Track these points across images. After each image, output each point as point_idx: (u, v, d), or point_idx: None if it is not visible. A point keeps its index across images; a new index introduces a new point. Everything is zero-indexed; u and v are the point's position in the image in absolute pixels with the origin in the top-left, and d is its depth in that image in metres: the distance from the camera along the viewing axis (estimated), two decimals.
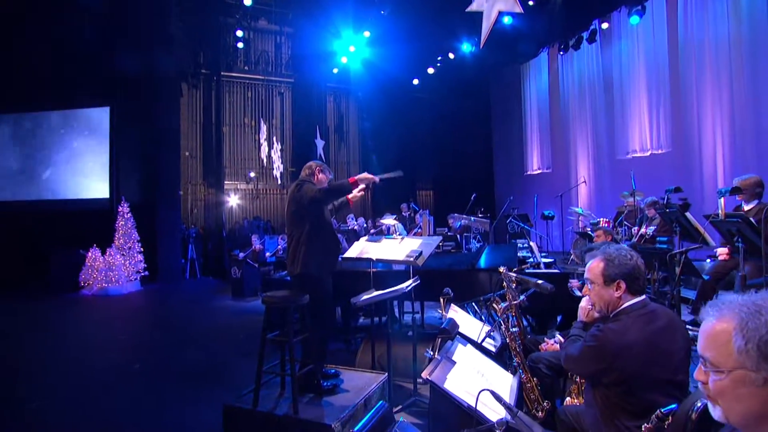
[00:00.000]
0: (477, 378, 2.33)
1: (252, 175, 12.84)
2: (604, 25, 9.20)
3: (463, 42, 10.85)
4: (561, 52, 10.44)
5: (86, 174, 10.16)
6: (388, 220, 5.42)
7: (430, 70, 12.11)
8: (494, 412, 2.05)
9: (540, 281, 2.72)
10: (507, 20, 8.18)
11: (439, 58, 11.78)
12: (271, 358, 3.10)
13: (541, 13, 8.49)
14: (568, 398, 2.65)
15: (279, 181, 13.11)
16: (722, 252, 3.84)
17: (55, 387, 4.03)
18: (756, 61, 6.64)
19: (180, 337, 5.65)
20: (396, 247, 3.81)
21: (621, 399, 1.77)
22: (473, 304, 4.60)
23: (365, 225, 9.66)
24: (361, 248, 3.96)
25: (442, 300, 3.42)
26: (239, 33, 11.50)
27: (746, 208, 3.79)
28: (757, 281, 3.28)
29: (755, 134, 6.65)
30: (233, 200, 12.58)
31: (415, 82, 12.89)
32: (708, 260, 5.14)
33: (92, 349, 5.24)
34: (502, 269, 3.33)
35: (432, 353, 2.41)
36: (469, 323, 3.20)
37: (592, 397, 1.93)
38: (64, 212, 9.74)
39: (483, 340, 2.78)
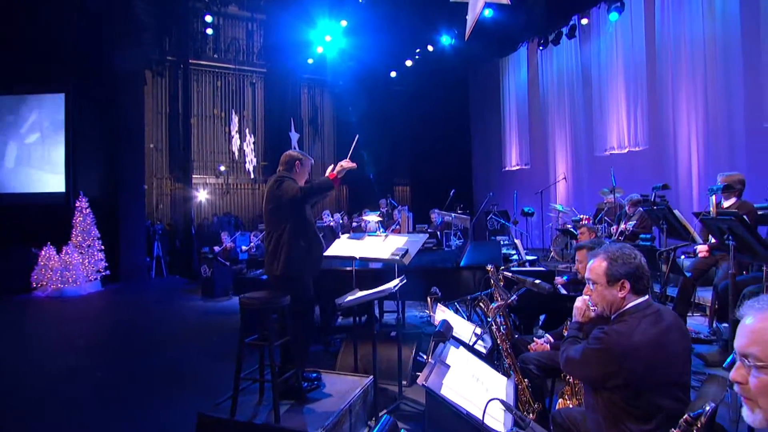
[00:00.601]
0: (473, 382, 2.24)
1: (222, 168, 12.38)
2: (584, 21, 9.22)
3: (442, 34, 10.73)
4: (540, 48, 10.42)
5: (39, 166, 9.47)
6: (372, 217, 5.27)
7: (408, 63, 11.97)
8: (494, 419, 1.94)
9: (537, 281, 2.65)
10: (488, 13, 8.13)
11: (418, 51, 11.64)
12: (248, 362, 2.92)
13: (522, 8, 8.48)
14: (560, 400, 2.59)
15: (252, 176, 12.69)
16: (702, 249, 3.91)
17: (7, 397, 3.68)
18: (728, 60, 6.80)
19: (146, 341, 5.32)
20: (380, 244, 3.68)
21: (626, 403, 1.72)
22: (455, 303, 4.53)
23: (341, 221, 9.46)
24: (343, 246, 3.81)
25: (429, 300, 3.32)
26: (208, 18, 11.00)
27: (726, 204, 3.87)
28: (742, 278, 3.36)
29: (727, 132, 6.83)
30: (202, 195, 12.09)
31: (393, 74, 12.72)
32: (683, 257, 5.27)
33: (48, 354, 4.87)
34: (490, 268, 3.25)
35: (425, 357, 2.29)
36: (458, 324, 3.10)
37: (593, 400, 1.86)
38: (14, 207, 9.05)
39: (475, 343, 2.69)
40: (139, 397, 3.64)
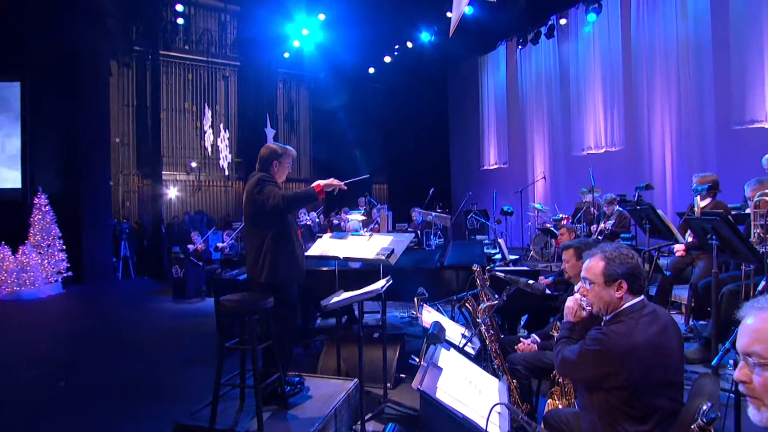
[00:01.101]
0: (466, 385, 2.18)
1: (193, 165, 11.94)
2: (562, 21, 9.33)
3: (422, 31, 10.67)
4: (519, 46, 10.50)
5: None
6: (355, 216, 5.13)
7: (387, 59, 11.87)
8: (488, 421, 1.90)
9: (531, 281, 2.63)
10: (468, 10, 8.11)
11: (397, 47, 11.55)
12: (226, 366, 2.78)
13: (501, 6, 8.50)
14: (549, 400, 2.58)
15: (226, 172, 12.31)
16: (678, 248, 4.03)
17: None
18: (700, 62, 7.04)
19: (114, 346, 5.02)
20: (364, 244, 3.59)
21: (624, 404, 1.70)
22: (437, 304, 4.50)
23: (317, 220, 9.28)
24: (326, 246, 3.70)
25: (416, 300, 3.26)
26: (179, 7, 10.56)
27: (701, 204, 3.97)
28: (720, 277, 3.46)
29: (699, 134, 7.06)
30: (172, 192, 11.63)
31: (371, 70, 12.60)
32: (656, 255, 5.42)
33: (3, 363, 4.51)
34: (475, 267, 3.23)
35: (417, 360, 2.24)
36: (446, 325, 3.05)
37: (588, 401, 1.86)
38: None
39: (465, 344, 2.65)
40: (107, 408, 3.41)
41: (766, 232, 2.97)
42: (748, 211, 3.48)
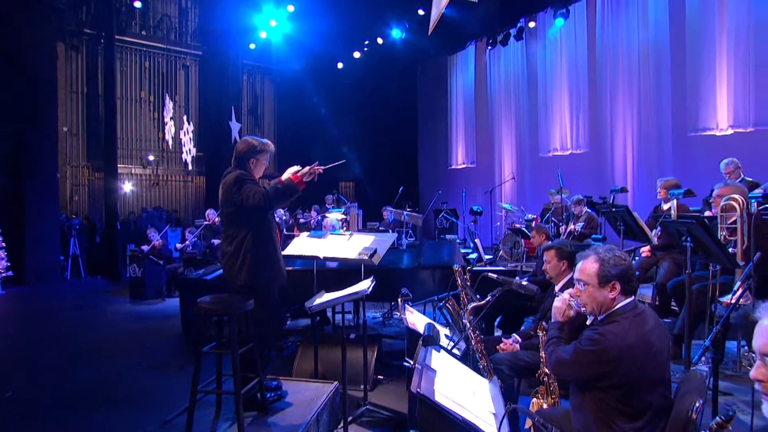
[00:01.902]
0: (459, 387, 2.17)
1: (151, 158, 11.30)
2: (531, 24, 9.50)
3: (392, 27, 10.60)
4: (489, 47, 10.62)
5: None
6: (334, 215, 4.99)
7: (357, 55, 11.73)
8: (483, 421, 1.89)
9: (524, 282, 2.65)
10: None
11: (367, 42, 11.43)
12: (190, 371, 2.63)
13: (472, 6, 8.57)
14: (534, 399, 2.61)
15: (189, 167, 11.73)
16: (644, 249, 4.23)
17: None
18: (659, 70, 7.35)
19: (68, 352, 4.63)
20: (345, 244, 3.52)
21: (619, 402, 1.73)
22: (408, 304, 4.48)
23: (284, 217, 9.05)
24: (304, 245, 3.60)
25: (399, 301, 3.23)
26: None
27: (665, 207, 4.21)
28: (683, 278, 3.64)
29: (657, 139, 7.39)
30: (126, 187, 10.96)
31: (340, 65, 12.42)
32: None
33: None
34: (456, 268, 3.23)
35: (411, 362, 2.21)
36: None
37: (582, 401, 1.88)
38: None
39: (454, 346, 2.65)
40: (66, 421, 3.13)
41: (731, 234, 3.18)
42: (707, 213, 3.73)
